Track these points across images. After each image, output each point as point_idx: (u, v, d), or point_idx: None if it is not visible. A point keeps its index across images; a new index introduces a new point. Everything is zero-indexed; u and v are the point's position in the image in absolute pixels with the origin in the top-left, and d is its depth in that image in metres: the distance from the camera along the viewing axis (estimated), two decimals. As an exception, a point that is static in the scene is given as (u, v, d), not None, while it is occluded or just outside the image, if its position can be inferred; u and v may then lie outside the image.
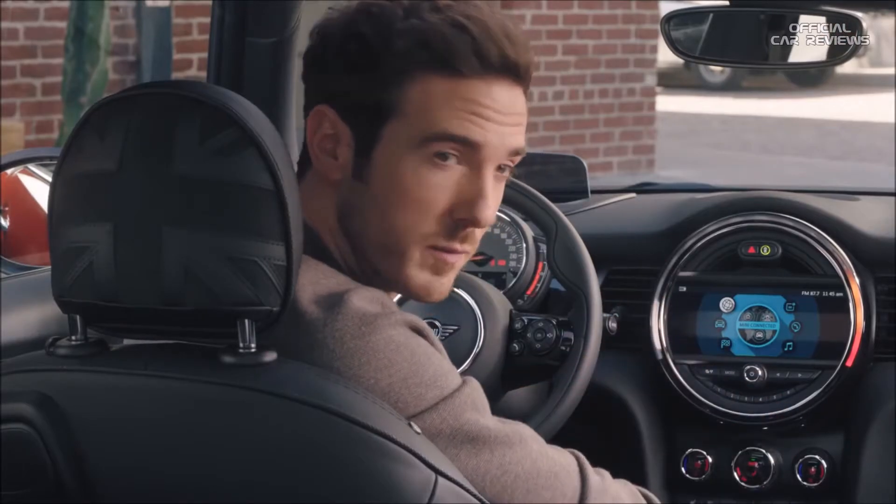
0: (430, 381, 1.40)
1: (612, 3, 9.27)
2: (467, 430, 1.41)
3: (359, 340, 1.39)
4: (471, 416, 1.41)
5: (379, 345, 1.39)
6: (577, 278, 2.04)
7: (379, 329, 1.40)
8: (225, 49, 2.18)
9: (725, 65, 7.90)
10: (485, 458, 1.41)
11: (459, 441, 1.40)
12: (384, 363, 1.39)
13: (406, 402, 1.38)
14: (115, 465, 1.34)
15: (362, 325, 1.40)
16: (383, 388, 1.38)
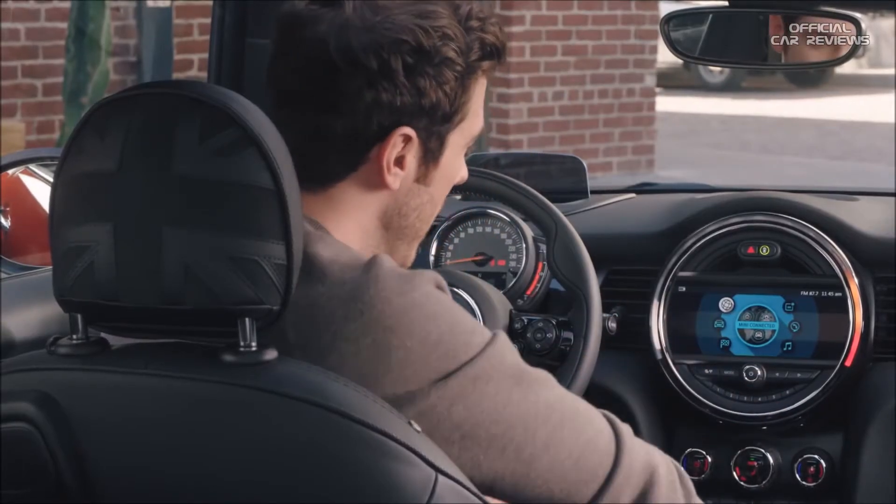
0: (472, 329, 1.45)
1: (611, 4, 9.27)
2: (514, 371, 1.45)
3: (403, 297, 1.42)
4: (513, 358, 1.46)
5: (420, 300, 1.43)
6: (576, 278, 2.04)
7: (417, 286, 1.44)
8: (225, 49, 2.18)
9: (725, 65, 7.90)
10: (532, 398, 1.45)
11: (511, 382, 1.44)
12: (431, 315, 1.42)
13: (457, 350, 1.42)
14: (115, 463, 1.35)
15: (403, 283, 1.43)
16: (434, 339, 1.41)
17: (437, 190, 1.58)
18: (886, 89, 14.27)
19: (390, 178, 1.53)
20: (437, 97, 1.51)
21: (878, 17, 14.12)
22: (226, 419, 1.31)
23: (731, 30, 2.11)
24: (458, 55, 1.52)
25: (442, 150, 1.55)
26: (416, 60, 1.50)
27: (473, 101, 1.56)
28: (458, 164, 1.59)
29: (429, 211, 1.59)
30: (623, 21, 9.35)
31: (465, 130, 1.56)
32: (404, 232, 1.58)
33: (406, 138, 1.52)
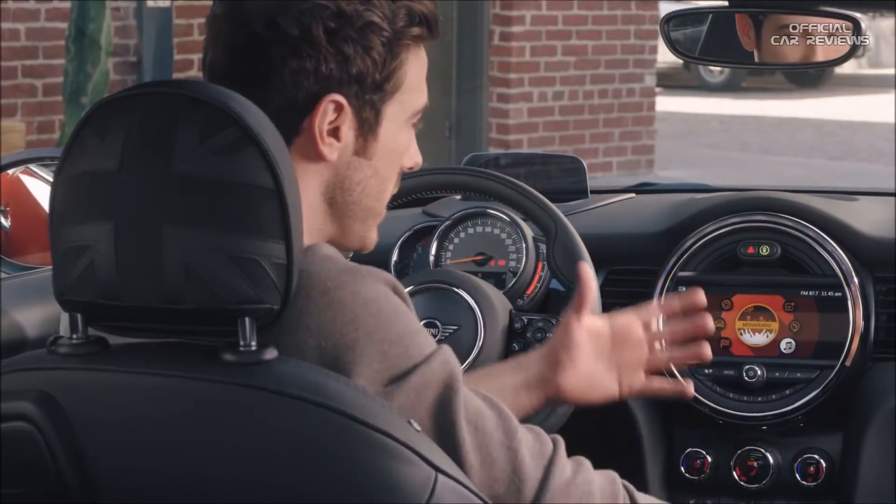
0: (394, 339, 1.41)
1: (611, 4, 9.27)
2: (431, 400, 1.41)
3: (325, 296, 1.40)
4: (436, 389, 1.41)
5: (345, 299, 1.40)
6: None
7: (345, 284, 1.41)
8: (225, 49, 2.17)
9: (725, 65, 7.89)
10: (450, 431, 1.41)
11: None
12: (349, 318, 1.40)
13: (371, 359, 1.39)
14: (116, 463, 1.35)
15: (328, 279, 1.41)
16: (348, 343, 1.39)
17: (381, 164, 1.55)
18: (886, 89, 14.27)
19: (325, 149, 1.52)
20: (364, 64, 1.51)
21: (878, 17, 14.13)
22: (226, 418, 1.31)
23: (731, 30, 2.11)
24: (383, 20, 1.50)
25: (378, 120, 1.53)
26: (339, 25, 1.49)
27: (409, 72, 1.54)
28: (403, 139, 1.57)
29: (374, 186, 1.56)
30: (623, 21, 9.35)
31: (404, 104, 1.55)
32: (351, 209, 1.55)
33: (337, 106, 1.51)
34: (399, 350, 1.40)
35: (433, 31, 1.56)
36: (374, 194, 1.57)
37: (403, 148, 1.58)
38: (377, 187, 1.57)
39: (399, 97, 1.54)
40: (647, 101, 9.56)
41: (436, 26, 1.56)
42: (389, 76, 1.52)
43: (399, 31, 1.52)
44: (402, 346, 1.41)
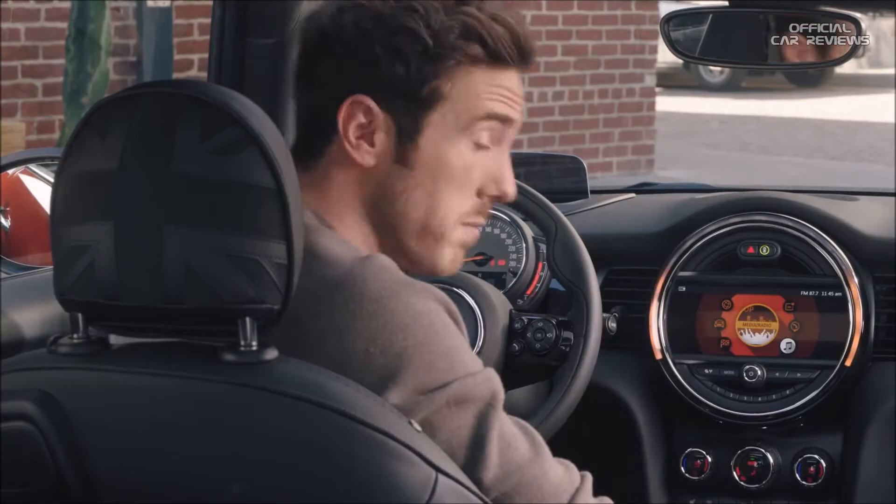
0: (442, 352, 1.42)
1: (611, 4, 9.27)
2: (471, 417, 1.42)
3: (377, 304, 1.41)
4: (477, 405, 1.42)
5: (398, 309, 1.41)
6: (576, 278, 2.04)
7: (398, 295, 1.42)
8: (225, 49, 2.18)
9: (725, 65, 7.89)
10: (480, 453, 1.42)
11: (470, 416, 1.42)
12: (400, 327, 1.40)
13: (417, 368, 1.40)
14: (116, 462, 1.35)
15: (382, 289, 1.42)
16: (397, 352, 1.40)
17: (427, 176, 1.53)
18: (886, 89, 14.26)
19: (356, 153, 1.52)
20: (393, 69, 1.51)
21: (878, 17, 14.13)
22: (226, 418, 1.31)
23: (731, 29, 2.11)
24: (423, 28, 1.50)
25: (418, 129, 1.52)
26: (372, 27, 1.51)
27: (458, 88, 1.52)
28: (456, 153, 1.53)
29: (421, 198, 1.53)
30: (623, 21, 9.35)
31: (452, 115, 1.52)
32: (400, 221, 1.54)
33: (365, 109, 1.51)
34: (446, 364, 1.41)
35: (496, 55, 1.53)
36: (424, 208, 1.54)
37: (461, 164, 1.54)
38: (425, 201, 1.54)
39: (443, 108, 1.53)
40: (647, 101, 9.56)
41: (498, 52, 1.53)
42: (427, 87, 1.51)
43: (446, 44, 1.51)
44: (450, 360, 1.42)
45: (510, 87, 1.55)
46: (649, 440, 2.34)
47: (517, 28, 1.55)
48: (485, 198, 1.57)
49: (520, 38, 1.55)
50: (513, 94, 1.56)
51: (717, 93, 14.45)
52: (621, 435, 2.35)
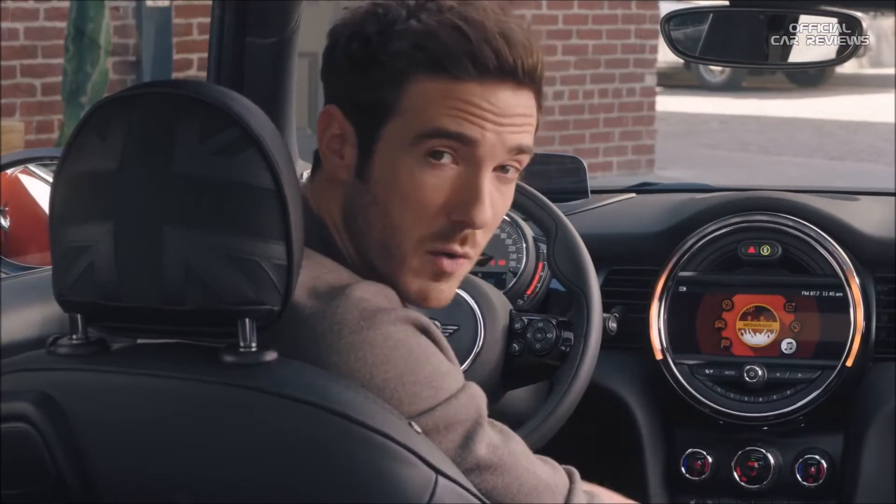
0: (424, 381, 1.40)
1: (612, 4, 9.27)
2: (456, 441, 1.41)
3: (356, 335, 1.39)
4: (461, 428, 1.41)
5: (376, 340, 1.39)
6: (577, 278, 2.04)
7: (378, 325, 1.40)
8: (225, 49, 2.18)
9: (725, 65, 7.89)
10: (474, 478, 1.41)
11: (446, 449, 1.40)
12: (380, 359, 1.39)
13: (400, 401, 1.38)
14: (115, 463, 1.34)
15: (361, 319, 1.40)
16: (378, 384, 1.38)
17: (381, 192, 1.47)
18: (886, 89, 14.27)
19: (327, 164, 1.51)
20: (353, 78, 1.48)
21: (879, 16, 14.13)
22: (226, 420, 1.31)
23: (731, 29, 2.11)
24: (377, 35, 1.46)
25: (374, 142, 1.47)
26: (341, 32, 1.50)
27: (415, 98, 1.45)
28: (406, 167, 1.45)
29: (376, 216, 1.47)
30: (623, 20, 9.35)
31: (405, 125, 1.45)
32: (364, 242, 1.50)
33: (336, 120, 1.50)
34: (429, 392, 1.40)
35: (446, 68, 1.44)
36: (380, 227, 1.48)
37: (411, 181, 1.46)
38: (381, 219, 1.48)
39: (396, 121, 1.47)
40: (647, 101, 9.56)
41: (456, 64, 1.43)
42: (380, 97, 1.47)
43: (395, 52, 1.46)
44: (432, 387, 1.40)
45: (472, 101, 1.44)
46: (650, 440, 2.34)
47: (477, 39, 1.44)
48: (454, 222, 1.47)
49: (477, 50, 1.44)
50: (477, 109, 1.44)
51: (717, 93, 14.45)
52: (622, 435, 2.35)
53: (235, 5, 2.16)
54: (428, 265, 1.49)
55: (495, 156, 1.48)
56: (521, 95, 1.48)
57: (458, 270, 1.51)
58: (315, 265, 1.46)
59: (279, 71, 2.18)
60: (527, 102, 1.49)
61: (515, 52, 1.46)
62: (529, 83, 1.48)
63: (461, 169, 1.47)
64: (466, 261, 1.51)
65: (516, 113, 1.48)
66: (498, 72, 1.45)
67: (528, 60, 1.47)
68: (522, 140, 1.50)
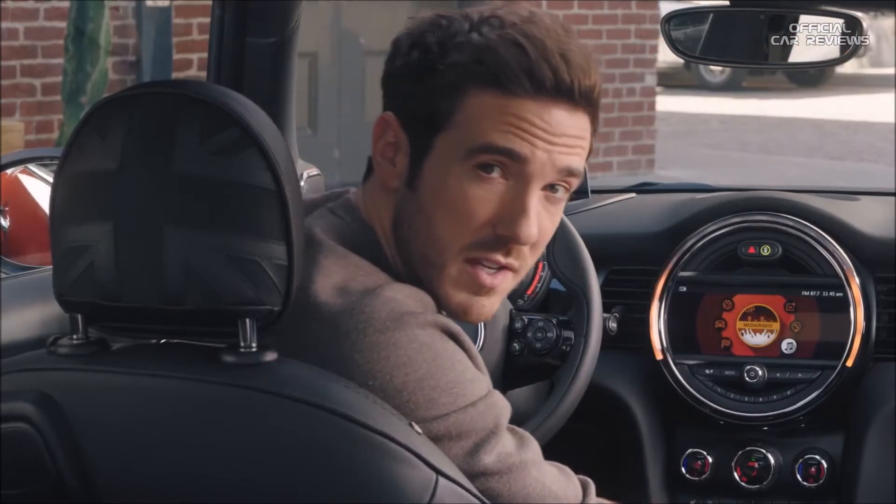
0: (445, 387, 1.40)
1: (612, 3, 9.27)
2: (466, 448, 1.41)
3: (381, 335, 1.39)
4: (474, 437, 1.41)
5: (401, 341, 1.39)
6: (577, 278, 2.04)
7: (405, 326, 1.40)
8: (225, 49, 2.18)
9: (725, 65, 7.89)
10: (479, 483, 1.41)
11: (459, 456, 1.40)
12: (403, 361, 1.39)
13: (416, 404, 1.38)
14: (115, 464, 1.34)
15: (389, 319, 1.40)
16: (397, 386, 1.38)
17: (428, 202, 1.47)
18: (886, 89, 14.27)
19: (380, 172, 1.52)
20: (410, 86, 1.48)
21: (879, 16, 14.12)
22: (226, 420, 1.31)
23: (731, 29, 2.11)
24: (437, 45, 1.47)
25: (426, 153, 1.48)
26: (402, 40, 1.50)
27: (469, 112, 1.45)
28: (456, 180, 1.46)
29: (420, 225, 1.48)
30: (623, 20, 9.34)
31: (457, 141, 1.46)
32: (408, 249, 1.50)
33: (391, 128, 1.50)
34: (448, 399, 1.40)
35: (502, 83, 1.44)
36: (423, 237, 1.48)
37: (459, 193, 1.46)
38: (425, 228, 1.48)
39: (449, 133, 1.47)
40: (647, 101, 9.56)
41: (513, 80, 1.44)
42: (434, 108, 1.47)
43: (453, 64, 1.46)
44: (452, 394, 1.40)
45: (526, 118, 1.45)
46: (650, 440, 2.34)
47: (536, 56, 1.44)
48: (499, 236, 1.47)
49: (535, 67, 1.44)
50: (530, 126, 1.45)
51: (717, 92, 14.45)
52: (622, 435, 2.35)
53: (235, 5, 2.16)
54: (466, 276, 1.49)
55: (545, 175, 1.48)
56: (575, 116, 1.48)
57: (501, 285, 1.51)
58: (352, 267, 1.46)
59: (279, 71, 2.18)
60: (581, 124, 1.49)
61: (573, 72, 1.46)
62: (585, 105, 1.49)
63: (510, 184, 1.48)
64: (511, 274, 1.51)
65: (569, 133, 1.48)
66: (554, 90, 1.46)
67: (585, 82, 1.47)
68: (573, 162, 1.50)
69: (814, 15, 2.04)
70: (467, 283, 1.49)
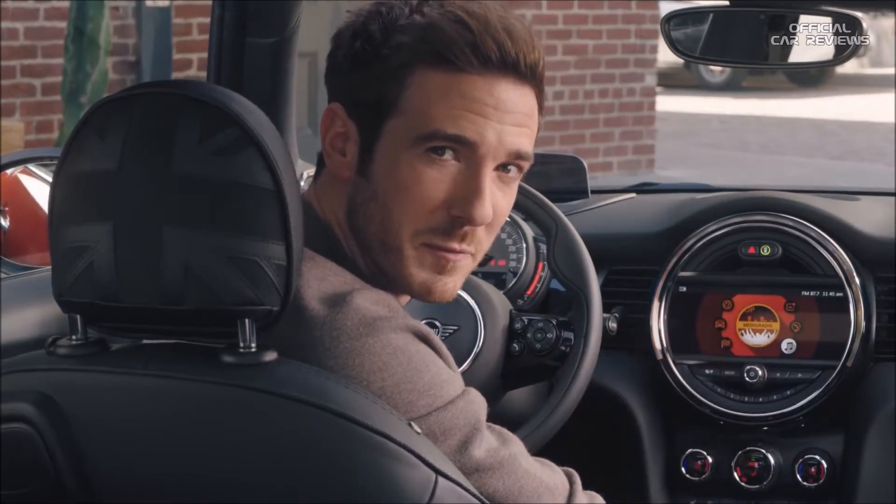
0: (423, 389, 1.40)
1: (612, 3, 9.27)
2: (453, 446, 1.41)
3: (355, 341, 1.39)
4: (458, 434, 1.41)
5: (375, 347, 1.39)
6: (577, 278, 2.04)
7: (377, 332, 1.40)
8: (225, 49, 2.18)
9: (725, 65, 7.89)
10: (473, 480, 1.41)
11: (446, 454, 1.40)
12: (378, 366, 1.39)
13: (396, 408, 1.38)
14: (115, 464, 1.34)
15: (361, 325, 1.40)
16: (374, 391, 1.38)
17: (381, 188, 1.47)
18: (887, 89, 14.27)
19: (330, 163, 1.52)
20: (354, 75, 1.49)
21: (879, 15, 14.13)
22: (225, 420, 1.31)
23: (731, 29, 2.11)
24: (380, 31, 1.47)
25: (376, 139, 1.48)
26: (343, 31, 1.51)
27: (418, 94, 1.45)
28: (407, 164, 1.46)
29: (374, 212, 1.48)
30: (623, 20, 9.35)
31: (406, 123, 1.46)
32: (364, 237, 1.50)
33: (339, 118, 1.50)
34: (426, 400, 1.40)
35: (449, 59, 1.44)
36: (378, 222, 1.49)
37: (412, 176, 1.46)
38: (379, 214, 1.48)
39: (397, 118, 1.47)
40: (647, 101, 9.56)
41: (459, 55, 1.44)
42: (381, 94, 1.47)
43: (397, 46, 1.46)
44: (430, 395, 1.40)
45: (474, 95, 1.45)
46: (650, 441, 2.33)
47: (480, 30, 1.44)
48: (454, 218, 1.48)
49: (480, 41, 1.44)
50: (478, 104, 1.45)
51: (717, 92, 14.46)
52: (622, 435, 2.34)
53: (235, 5, 2.16)
54: (428, 255, 1.50)
55: (496, 155, 1.49)
56: (522, 92, 1.49)
57: (461, 263, 1.52)
58: (319, 268, 1.46)
59: (279, 71, 2.18)
60: (528, 101, 1.50)
61: (518, 45, 1.47)
62: (531, 79, 1.49)
63: (462, 166, 1.48)
64: (469, 256, 1.52)
65: (517, 110, 1.49)
66: (500, 64, 1.46)
67: (530, 55, 1.48)
68: (522, 145, 1.50)
69: (814, 15, 2.04)
70: (429, 261, 1.50)
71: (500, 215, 1.52)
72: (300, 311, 1.41)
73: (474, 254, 1.52)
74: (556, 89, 9.10)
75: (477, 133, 1.46)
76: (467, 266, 1.53)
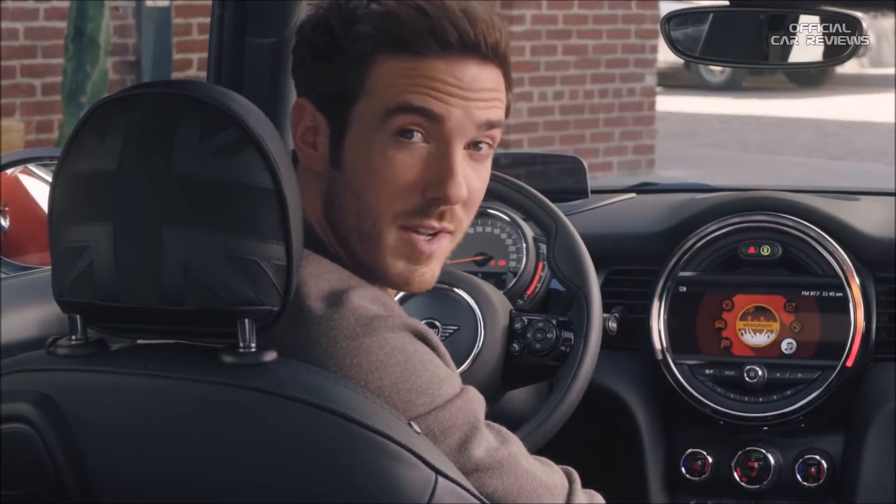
0: (421, 388, 1.40)
1: (612, 3, 9.27)
2: (452, 446, 1.41)
3: (352, 341, 1.40)
4: (458, 433, 1.41)
5: (372, 347, 1.39)
6: (577, 278, 2.04)
7: (374, 331, 1.40)
8: (225, 49, 2.18)
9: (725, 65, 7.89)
10: (473, 480, 1.41)
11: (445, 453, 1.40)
12: (375, 366, 1.39)
13: (394, 407, 1.38)
14: (115, 464, 1.34)
15: (358, 325, 1.40)
16: (373, 390, 1.38)
17: (354, 176, 1.48)
18: (887, 89, 14.27)
19: (302, 158, 1.52)
20: (317, 68, 1.49)
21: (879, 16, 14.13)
22: (225, 420, 1.31)
23: (731, 29, 2.11)
24: (339, 22, 1.47)
25: (344, 129, 1.48)
26: (304, 26, 1.51)
27: (376, 81, 1.46)
28: (377, 148, 1.46)
29: (350, 201, 1.48)
30: (623, 20, 9.35)
31: (372, 109, 1.46)
32: (342, 229, 1.50)
33: (307, 112, 1.50)
34: (424, 399, 1.40)
35: (409, 44, 1.45)
36: (355, 211, 1.49)
37: (383, 160, 1.46)
38: (355, 204, 1.49)
39: (363, 104, 1.48)
40: (647, 101, 9.56)
41: (418, 39, 1.45)
42: (345, 83, 1.48)
43: (357, 35, 1.47)
44: (428, 394, 1.41)
45: (437, 77, 1.45)
46: (650, 440, 2.33)
47: (438, 15, 1.45)
48: (430, 199, 1.48)
49: (438, 26, 1.45)
50: (442, 84, 1.46)
51: (717, 92, 14.45)
52: (622, 435, 2.34)
53: (235, 5, 2.16)
54: (404, 245, 1.50)
55: (465, 132, 1.48)
56: (487, 71, 1.49)
57: (439, 250, 1.52)
58: (313, 265, 1.46)
59: (279, 71, 2.18)
60: (494, 78, 1.50)
61: (477, 27, 1.47)
62: (494, 58, 1.49)
63: (432, 147, 1.48)
64: (448, 237, 1.52)
65: (483, 87, 1.49)
66: (461, 46, 1.47)
67: (491, 35, 1.48)
68: (491, 115, 1.50)
69: (814, 15, 2.04)
70: (405, 251, 1.50)
71: (476, 193, 1.52)
72: (298, 310, 1.41)
73: (453, 231, 1.52)
74: (556, 89, 9.10)
75: (444, 108, 1.47)
76: (445, 250, 1.53)
